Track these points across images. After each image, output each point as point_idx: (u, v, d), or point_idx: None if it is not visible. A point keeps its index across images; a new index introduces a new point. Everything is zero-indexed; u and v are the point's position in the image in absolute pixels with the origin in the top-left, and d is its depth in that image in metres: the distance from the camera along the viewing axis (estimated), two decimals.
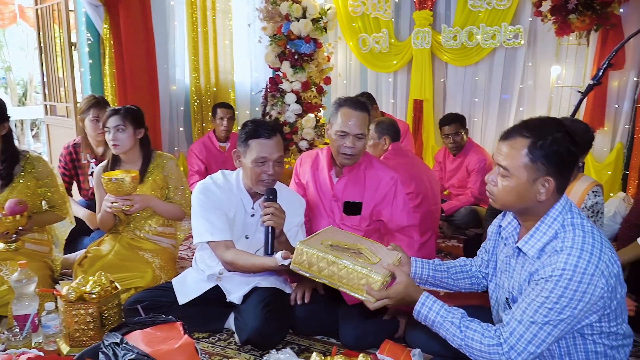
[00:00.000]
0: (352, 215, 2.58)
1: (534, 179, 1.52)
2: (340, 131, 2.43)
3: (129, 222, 2.93)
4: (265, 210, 2.18)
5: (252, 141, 2.27)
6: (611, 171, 4.55)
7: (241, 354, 2.29)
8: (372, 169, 2.59)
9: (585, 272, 1.43)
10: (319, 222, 2.64)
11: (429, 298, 1.66)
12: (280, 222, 2.20)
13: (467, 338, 1.57)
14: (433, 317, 1.64)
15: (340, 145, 2.45)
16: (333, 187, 2.59)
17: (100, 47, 4.75)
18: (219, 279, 2.41)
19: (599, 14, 4.05)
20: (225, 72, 5.98)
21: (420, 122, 5.55)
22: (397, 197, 2.57)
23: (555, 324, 1.47)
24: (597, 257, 1.45)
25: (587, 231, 1.51)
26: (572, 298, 1.44)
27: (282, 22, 5.08)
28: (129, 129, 2.80)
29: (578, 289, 1.43)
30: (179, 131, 5.77)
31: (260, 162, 2.26)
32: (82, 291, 2.19)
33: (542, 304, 1.47)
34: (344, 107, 2.46)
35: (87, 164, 3.52)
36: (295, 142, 5.28)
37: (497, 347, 1.52)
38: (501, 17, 4.91)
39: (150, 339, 1.88)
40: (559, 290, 1.44)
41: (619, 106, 4.54)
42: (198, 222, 2.33)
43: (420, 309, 1.66)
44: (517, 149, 1.53)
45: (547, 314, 1.46)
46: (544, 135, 1.50)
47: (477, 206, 4.22)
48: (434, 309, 1.64)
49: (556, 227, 1.54)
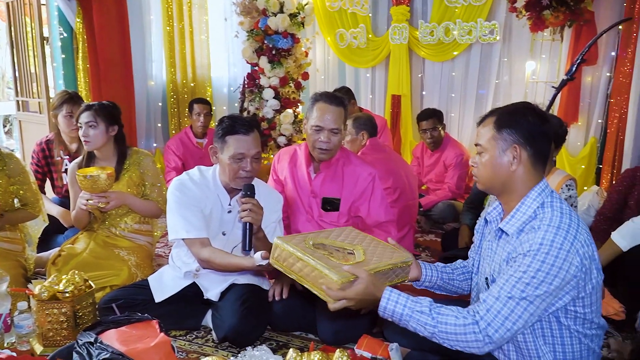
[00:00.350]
0: (331, 211, 2.58)
1: (504, 149, 1.62)
2: (315, 126, 2.44)
3: (104, 219, 2.89)
4: (243, 207, 2.17)
5: (229, 137, 2.24)
6: (585, 165, 4.62)
7: (219, 351, 2.28)
8: (350, 165, 2.59)
9: (562, 248, 1.47)
10: (297, 218, 2.64)
11: (393, 292, 1.62)
12: (258, 218, 2.19)
13: (439, 324, 1.55)
14: (400, 310, 1.59)
15: (316, 140, 2.45)
16: (311, 183, 2.59)
17: (73, 41, 4.67)
18: (195, 276, 2.39)
19: (573, 10, 4.10)
20: (202, 67, 5.92)
21: (398, 118, 5.57)
22: (374, 193, 2.58)
23: (531, 299, 1.49)
24: (572, 236, 1.50)
25: (565, 212, 1.56)
26: (549, 273, 1.47)
27: (259, 17, 5.05)
28: (100, 125, 2.76)
29: (554, 264, 1.47)
30: (156, 127, 5.70)
31: (238, 158, 2.23)
32: (55, 290, 2.15)
33: (519, 279, 1.49)
34: (320, 102, 2.46)
35: (61, 161, 3.46)
36: (274, 138, 5.26)
37: (472, 325, 1.52)
38: (477, 13, 4.94)
39: (125, 337, 1.87)
40: (536, 264, 1.48)
41: (592, 101, 4.60)
42: (173, 218, 2.30)
43: (386, 305, 1.61)
44: (486, 126, 1.67)
45: (524, 289, 1.48)
46: (506, 109, 1.67)
47: (455, 201, 4.26)
48: (400, 302, 1.60)
49: (535, 206, 1.60)
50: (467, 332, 1.52)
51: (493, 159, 1.64)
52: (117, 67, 4.88)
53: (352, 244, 1.90)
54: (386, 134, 4.75)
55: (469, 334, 1.52)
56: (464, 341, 1.53)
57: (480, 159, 1.69)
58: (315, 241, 1.84)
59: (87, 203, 2.67)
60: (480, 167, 1.69)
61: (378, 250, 1.86)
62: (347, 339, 2.27)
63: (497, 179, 1.66)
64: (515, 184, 1.64)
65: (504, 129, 1.62)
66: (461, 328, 1.53)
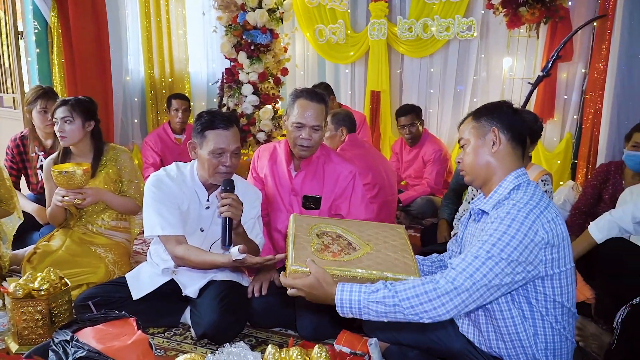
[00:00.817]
0: (311, 209, 2.57)
1: (484, 134, 1.73)
2: (296, 123, 2.42)
3: (80, 216, 2.85)
4: (223, 202, 2.16)
5: (208, 132, 2.22)
6: (561, 160, 4.70)
7: (197, 348, 2.27)
8: (330, 163, 2.59)
9: (527, 218, 1.55)
10: (277, 216, 2.62)
11: (345, 284, 1.60)
12: (238, 213, 2.18)
13: (399, 292, 1.53)
14: (357, 297, 1.56)
15: (297, 137, 2.44)
16: (292, 181, 2.58)
17: (48, 35, 4.58)
18: (174, 273, 2.38)
19: (548, 7, 4.17)
20: (180, 62, 5.87)
21: (378, 113, 5.59)
22: (355, 191, 2.58)
23: (497, 260, 1.52)
24: (539, 211, 1.58)
25: (537, 195, 1.64)
26: (514, 237, 1.53)
27: (238, 11, 5.02)
28: (77, 120, 2.72)
29: (519, 229, 1.53)
30: (133, 123, 5.63)
31: (217, 153, 2.21)
32: (29, 288, 2.12)
33: (485, 242, 1.56)
34: (301, 99, 2.44)
35: (36, 157, 3.40)
36: (253, 133, 5.24)
37: (435, 282, 1.52)
38: (454, 9, 4.98)
39: (102, 335, 1.85)
40: (502, 228, 1.55)
41: (568, 97, 4.68)
42: (149, 214, 2.28)
43: (341, 296, 1.58)
44: (466, 123, 1.80)
45: (490, 249, 1.53)
46: (484, 105, 1.82)
47: (433, 196, 4.29)
48: (354, 289, 1.57)
49: (510, 188, 1.68)
50: (428, 290, 1.51)
51: (475, 145, 1.74)
52: (94, 61, 4.79)
53: (365, 240, 1.86)
54: (365, 129, 4.76)
55: (430, 292, 1.51)
56: (428, 301, 1.50)
57: (464, 150, 1.78)
58: (328, 228, 1.88)
59: (62, 199, 2.63)
60: (464, 158, 1.78)
61: (384, 256, 1.79)
62: (327, 334, 2.28)
63: (480, 164, 1.74)
64: (496, 169, 1.72)
65: (481, 117, 1.75)
66: (421, 288, 1.52)
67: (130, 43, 5.47)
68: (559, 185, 4.44)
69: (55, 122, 2.73)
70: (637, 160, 2.73)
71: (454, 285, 1.51)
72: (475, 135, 1.74)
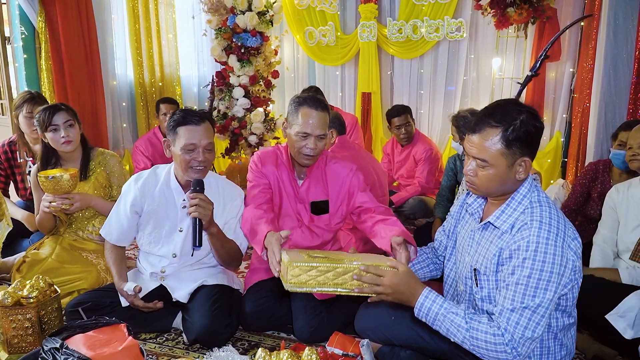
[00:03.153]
0: (321, 214, 2.53)
1: (512, 162, 1.60)
2: (302, 133, 2.32)
3: (70, 223, 2.83)
4: (191, 202, 2.14)
5: (180, 128, 2.22)
6: (551, 159, 4.73)
7: (189, 353, 2.26)
8: (329, 163, 2.53)
9: (556, 245, 1.52)
10: (285, 222, 2.53)
11: (432, 291, 1.65)
12: (207, 213, 2.14)
13: (472, 329, 1.56)
14: (437, 309, 1.61)
15: (302, 147, 2.34)
16: (297, 190, 2.51)
17: (35, 41, 4.55)
18: (162, 279, 2.37)
19: (536, 7, 4.19)
20: (170, 66, 5.84)
21: (369, 115, 5.59)
22: (361, 182, 2.53)
23: (546, 304, 1.52)
24: (563, 232, 1.56)
25: (552, 207, 1.62)
26: (552, 272, 1.51)
27: (227, 15, 5.02)
28: (76, 124, 2.73)
29: (554, 261, 1.51)
30: (122, 127, 5.60)
31: (189, 149, 2.21)
32: (18, 296, 2.11)
33: (527, 286, 1.52)
34: (304, 107, 2.33)
35: (25, 163, 3.37)
36: (245, 137, 5.23)
37: (501, 337, 1.53)
38: (444, 11, 5.01)
39: (92, 342, 1.84)
40: (537, 265, 1.52)
41: (557, 96, 4.72)
42: (110, 213, 2.45)
43: (423, 301, 1.63)
44: (489, 140, 1.60)
45: (535, 294, 1.51)
46: (511, 121, 1.58)
47: (425, 196, 4.30)
48: (438, 301, 1.62)
49: (525, 203, 1.64)
50: (497, 342, 1.53)
51: (501, 174, 1.62)
52: (83, 66, 4.76)
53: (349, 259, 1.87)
54: (357, 131, 4.77)
55: (499, 345, 1.53)
56: (494, 351, 1.54)
57: (482, 171, 1.65)
58: (316, 254, 1.86)
59: (49, 205, 2.60)
60: (483, 179, 1.66)
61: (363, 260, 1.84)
62: (323, 336, 2.27)
63: (502, 189, 1.67)
64: (514, 186, 1.67)
65: (513, 144, 1.58)
66: (492, 337, 1.54)
67: (118, 47, 5.43)
68: (549, 183, 4.46)
69: (55, 129, 2.67)
70: (622, 159, 2.75)
71: (514, 346, 1.52)
72: (502, 163, 1.60)
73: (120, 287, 2.30)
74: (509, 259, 1.59)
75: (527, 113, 1.60)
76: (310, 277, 1.71)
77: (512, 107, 1.62)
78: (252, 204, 2.35)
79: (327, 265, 1.71)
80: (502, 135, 1.58)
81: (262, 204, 2.34)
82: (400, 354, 2.00)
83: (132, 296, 2.26)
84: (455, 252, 1.92)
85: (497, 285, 1.66)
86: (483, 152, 1.61)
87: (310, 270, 1.71)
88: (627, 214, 2.44)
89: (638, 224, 2.38)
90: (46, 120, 2.67)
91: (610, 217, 2.53)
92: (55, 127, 2.68)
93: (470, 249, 1.80)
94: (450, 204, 3.31)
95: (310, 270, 1.71)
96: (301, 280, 1.71)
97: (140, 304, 2.27)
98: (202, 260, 2.43)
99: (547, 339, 1.67)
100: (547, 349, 1.67)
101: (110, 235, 2.44)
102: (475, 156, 1.64)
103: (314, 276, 1.71)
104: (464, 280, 1.81)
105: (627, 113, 3.72)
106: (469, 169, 1.69)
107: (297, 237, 2.49)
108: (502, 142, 1.58)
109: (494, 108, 1.65)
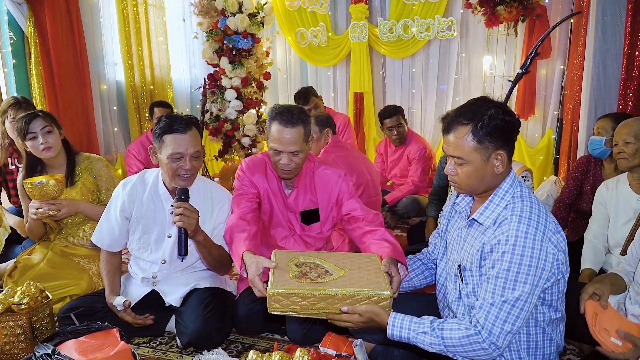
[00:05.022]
0: (312, 223, 2.50)
1: (487, 157, 1.63)
2: (274, 149, 2.27)
3: (61, 229, 2.81)
4: (175, 211, 2.10)
5: (166, 136, 2.19)
6: (543, 156, 4.75)
7: (183, 356, 2.25)
8: (318, 171, 2.48)
9: (535, 238, 1.54)
10: (278, 232, 2.52)
11: (397, 317, 1.66)
12: (192, 222, 2.11)
13: (445, 339, 1.58)
14: (406, 334, 1.64)
15: (277, 161, 2.30)
16: (286, 201, 2.49)
17: (24, 46, 4.53)
18: (154, 284, 2.36)
19: (525, 5, 4.22)
20: (162, 69, 5.83)
21: (361, 115, 5.60)
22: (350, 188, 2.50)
23: (524, 298, 1.53)
24: (543, 225, 1.57)
25: (534, 202, 1.63)
26: (530, 265, 1.53)
27: (218, 17, 5.02)
28: (54, 129, 2.68)
29: (533, 255, 1.53)
30: (114, 132, 5.57)
31: (175, 157, 2.18)
32: (9, 302, 2.10)
33: (506, 279, 1.54)
34: (275, 123, 2.24)
35: (15, 169, 3.35)
36: (238, 139, 5.23)
37: (476, 336, 1.55)
38: (434, 10, 5.02)
39: (84, 347, 1.83)
40: (516, 259, 1.53)
41: (548, 93, 4.74)
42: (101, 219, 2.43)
43: (392, 332, 1.66)
44: (462, 137, 1.64)
45: (514, 287, 1.53)
46: (480, 117, 1.61)
47: (418, 195, 4.31)
48: (404, 326, 1.64)
49: (508, 198, 1.66)
50: (472, 342, 1.55)
51: (478, 169, 1.64)
52: (73, 70, 4.74)
53: (340, 267, 1.86)
54: (349, 131, 4.77)
55: (474, 344, 1.55)
56: (472, 350, 1.56)
57: (461, 169, 1.67)
58: (306, 259, 1.86)
59: (36, 212, 2.56)
60: (462, 176, 1.68)
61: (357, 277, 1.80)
62: (317, 337, 2.26)
63: (483, 184, 1.68)
64: (495, 181, 1.68)
65: (484, 139, 1.61)
66: (466, 339, 1.56)
67: (108, 51, 5.40)
68: (542, 180, 4.48)
69: (34, 137, 2.63)
70: (595, 145, 2.88)
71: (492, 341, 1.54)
72: (477, 158, 1.63)
73: (110, 302, 2.29)
74: (490, 253, 1.62)
75: (496, 108, 1.62)
76: (291, 302, 1.71)
77: (481, 104, 1.65)
78: (237, 213, 2.30)
79: (308, 290, 1.69)
80: (473, 131, 1.61)
81: (247, 213, 2.29)
82: (394, 353, 2.00)
83: (122, 311, 2.25)
84: (446, 254, 1.93)
85: (481, 280, 1.67)
86: (458, 150, 1.65)
87: (290, 296, 1.70)
88: (617, 209, 2.46)
89: (627, 219, 2.41)
90: (24, 129, 2.62)
91: (601, 213, 2.54)
92: (34, 135, 2.63)
93: (457, 247, 1.81)
94: (442, 203, 3.31)
95: (290, 296, 1.70)
96: (283, 305, 1.72)
97: (129, 318, 2.26)
98: (193, 264, 2.42)
99: (535, 334, 1.67)
100: (535, 343, 1.68)
101: (101, 242, 2.42)
102: (452, 155, 1.68)
103: (296, 301, 1.70)
104: (453, 277, 1.82)
105: (616, 109, 3.74)
106: (449, 168, 1.72)
107: (290, 247, 2.48)
108: (474, 138, 1.62)
109: (464, 107, 1.68)
